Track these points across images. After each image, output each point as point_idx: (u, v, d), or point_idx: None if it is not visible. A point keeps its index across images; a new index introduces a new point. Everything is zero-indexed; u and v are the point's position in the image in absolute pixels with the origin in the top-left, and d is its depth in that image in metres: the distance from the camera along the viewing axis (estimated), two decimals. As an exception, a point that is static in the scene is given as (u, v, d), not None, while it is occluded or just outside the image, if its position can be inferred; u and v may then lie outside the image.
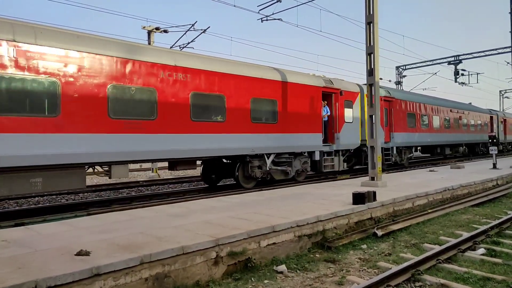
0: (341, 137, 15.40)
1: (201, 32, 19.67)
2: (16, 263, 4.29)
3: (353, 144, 16.17)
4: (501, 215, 8.65)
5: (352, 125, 16.11)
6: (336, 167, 15.46)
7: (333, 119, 15.37)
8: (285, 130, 13.21)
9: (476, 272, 4.99)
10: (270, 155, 12.86)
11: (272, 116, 12.89)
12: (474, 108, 30.55)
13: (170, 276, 4.62)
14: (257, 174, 12.57)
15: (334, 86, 15.30)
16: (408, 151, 20.76)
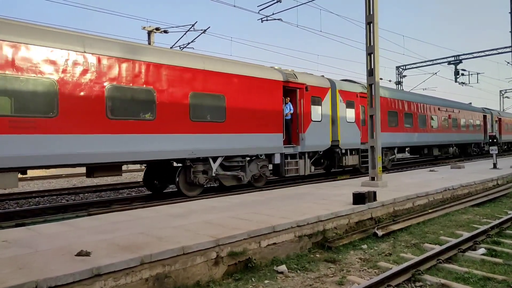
0: (307, 138, 13.89)
1: (201, 33, 19.68)
2: (16, 263, 4.29)
3: (322, 145, 14.69)
4: (502, 215, 8.65)
5: (320, 124, 14.60)
6: (302, 171, 13.90)
7: (298, 118, 13.80)
8: (236, 129, 11.63)
9: (477, 272, 4.98)
10: (217, 159, 11.37)
11: (219, 114, 11.22)
12: (465, 107, 29.18)
13: (170, 277, 4.62)
14: (200, 180, 11.01)
15: (298, 80, 13.73)
16: (390, 153, 19.35)
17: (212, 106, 11.09)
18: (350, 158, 16.21)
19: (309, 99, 14.13)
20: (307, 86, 13.93)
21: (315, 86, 14.45)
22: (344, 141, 15.75)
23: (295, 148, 13.69)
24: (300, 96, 13.90)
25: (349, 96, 16.29)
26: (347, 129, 15.92)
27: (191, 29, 19.56)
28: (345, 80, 18.07)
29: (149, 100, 9.68)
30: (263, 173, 12.95)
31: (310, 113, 14.17)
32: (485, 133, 31.35)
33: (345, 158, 15.95)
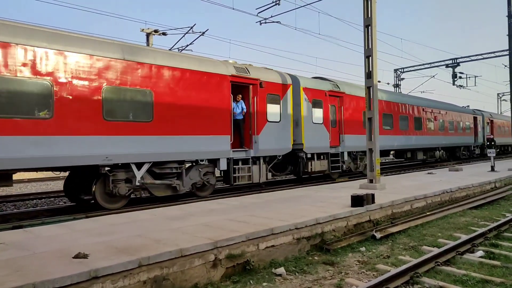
0: (262, 141, 12.36)
1: (200, 35, 19.69)
2: (14, 265, 4.27)
3: (280, 149, 13.15)
4: (500, 218, 8.67)
5: (279, 125, 13.08)
6: (256, 178, 12.42)
7: (251, 118, 12.35)
8: (167, 131, 10.01)
9: (475, 275, 4.99)
10: (143, 165, 9.77)
11: (144, 112, 9.61)
12: (453, 108, 27.65)
13: (168, 279, 4.61)
14: (121, 190, 9.48)
15: (250, 75, 12.16)
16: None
17: (135, 103, 9.45)
18: (318, 163, 14.69)
19: (264, 96, 12.60)
20: (261, 82, 12.39)
21: (272, 83, 12.91)
22: (310, 145, 14.21)
23: (248, 152, 12.21)
24: (253, 93, 12.40)
25: (316, 94, 14.70)
26: (313, 131, 14.37)
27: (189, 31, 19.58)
28: (316, 78, 16.81)
29: (44, 95, 8.06)
30: (208, 180, 11.35)
31: (266, 112, 12.63)
32: (476, 136, 30.16)
33: (311, 163, 14.42)
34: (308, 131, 14.16)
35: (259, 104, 12.49)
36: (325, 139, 15.00)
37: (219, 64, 11.64)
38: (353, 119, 16.56)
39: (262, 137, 12.45)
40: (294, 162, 14.31)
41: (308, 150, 14.18)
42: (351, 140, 16.26)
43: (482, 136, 31.16)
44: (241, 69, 12.10)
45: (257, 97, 12.43)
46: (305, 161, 14.26)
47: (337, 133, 15.83)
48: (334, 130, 15.63)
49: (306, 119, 14.16)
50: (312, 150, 14.38)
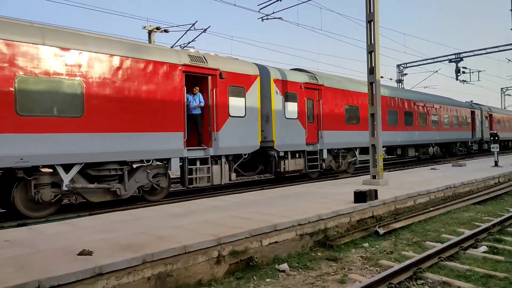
0: (223, 138, 11.17)
1: (202, 32, 19.66)
2: (19, 263, 4.31)
3: (246, 146, 11.98)
4: (503, 213, 8.64)
5: (243, 121, 11.84)
6: (216, 179, 11.16)
7: (210, 113, 11.16)
8: (102, 127, 8.80)
9: (478, 270, 4.99)
10: (73, 167, 8.53)
11: (73, 106, 8.38)
12: (448, 102, 26.03)
13: (172, 275, 4.64)
14: (45, 196, 8.23)
15: (207, 65, 10.91)
16: (350, 154, 16.53)
17: (60, 96, 8.24)
18: (292, 162, 13.52)
19: (225, 89, 11.34)
20: (221, 73, 11.14)
21: (235, 73, 11.65)
22: (282, 142, 13.07)
23: (206, 150, 11.00)
24: (212, 85, 11.16)
25: (289, 87, 13.51)
26: (286, 127, 13.25)
27: (191, 28, 19.55)
28: (294, 69, 15.65)
29: None
30: (158, 183, 10.15)
31: (228, 106, 11.40)
32: (473, 131, 28.70)
33: (285, 162, 13.26)
34: (280, 127, 13.04)
35: (220, 97, 11.19)
36: (300, 136, 13.86)
37: (169, 52, 10.43)
38: (333, 113, 15.35)
39: (223, 133, 11.24)
40: (266, 161, 13.23)
41: (281, 148, 13.07)
42: (331, 137, 15.10)
43: (481, 131, 29.92)
44: (196, 58, 10.77)
45: (217, 89, 11.15)
46: (278, 160, 13.14)
47: (315, 129, 14.64)
48: (311, 126, 14.44)
49: (278, 114, 13.04)
50: (285, 148, 13.27)
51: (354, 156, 16.74)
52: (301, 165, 13.98)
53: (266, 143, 12.82)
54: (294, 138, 13.59)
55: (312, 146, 14.44)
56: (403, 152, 20.78)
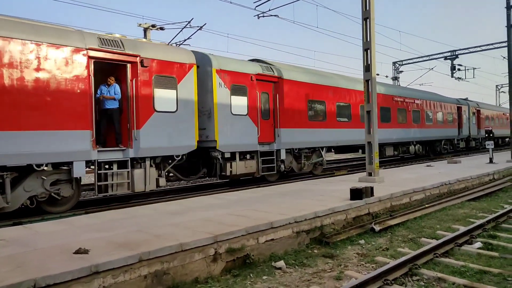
0: (145, 137, 9.50)
1: (197, 29, 19.55)
2: (15, 262, 4.29)
3: (178, 146, 10.29)
4: (498, 209, 8.71)
5: (174, 116, 10.21)
6: (139, 185, 9.50)
7: (129, 107, 9.49)
8: None
9: (473, 266, 5.03)
10: None
11: None
12: (432, 97, 24.27)
13: (169, 273, 4.64)
14: None
15: (124, 50, 9.26)
16: (316, 154, 15.02)
17: None
18: (241, 164, 12.02)
19: (149, 79, 9.69)
20: (142, 60, 9.51)
21: (162, 61, 10.00)
22: (228, 141, 11.54)
23: (125, 152, 9.32)
24: (132, 74, 9.50)
25: (237, 78, 11.96)
26: (232, 125, 11.72)
27: (187, 26, 19.47)
28: (253, 60, 14.29)
29: None
30: (58, 192, 8.52)
31: (153, 99, 9.74)
32: (460, 128, 27.26)
33: (232, 164, 11.76)
34: (224, 125, 11.47)
35: (142, 88, 9.53)
36: (251, 135, 12.30)
37: (70, 33, 8.71)
38: (294, 109, 13.76)
39: (146, 131, 9.54)
40: (211, 163, 11.75)
41: (225, 148, 11.50)
42: (291, 135, 13.55)
43: (468, 128, 28.50)
44: (108, 42, 9.18)
45: (138, 79, 9.50)
46: (223, 162, 11.60)
47: (271, 127, 13.11)
48: (266, 123, 12.94)
49: (222, 110, 11.44)
50: (232, 148, 11.73)
51: (320, 156, 15.14)
52: (253, 167, 12.43)
53: (207, 143, 11.29)
54: (243, 137, 12.06)
55: (267, 145, 12.97)
56: (380, 151, 18.51)
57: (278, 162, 13.28)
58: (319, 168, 15.71)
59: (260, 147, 12.66)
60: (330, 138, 15.42)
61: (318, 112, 15.00)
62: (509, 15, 17.70)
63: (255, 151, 12.60)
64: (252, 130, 12.41)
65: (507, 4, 17.78)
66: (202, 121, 11.33)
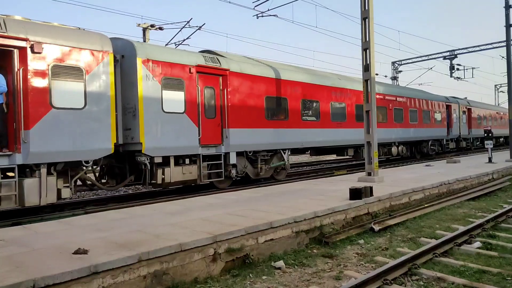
0: (40, 139, 7.93)
1: (197, 29, 19.60)
2: (14, 262, 4.28)
3: (88, 150, 8.69)
4: (497, 209, 8.72)
5: (82, 114, 8.62)
6: (32, 198, 7.88)
7: (16, 103, 7.87)
8: None
9: (472, 265, 5.04)
10: None
11: None
12: (418, 94, 22.76)
13: (168, 273, 4.64)
14: None
15: (7, 32, 7.63)
16: (277, 157, 13.51)
17: None
18: (177, 170, 10.34)
19: (45, 68, 8.10)
20: (33, 45, 7.92)
21: (63, 47, 8.40)
22: (157, 144, 9.87)
23: (12, 157, 7.72)
24: (20, 63, 7.89)
25: (170, 70, 10.31)
26: (164, 124, 10.07)
27: (186, 25, 19.48)
28: (204, 52, 12.63)
29: None
30: None
31: (49, 93, 8.12)
32: (450, 127, 25.62)
33: (165, 170, 10.07)
34: (153, 124, 9.85)
35: (33, 79, 7.94)
36: (189, 136, 10.65)
37: None
38: (248, 107, 12.26)
39: (38, 132, 7.94)
40: (139, 169, 10.08)
41: (154, 152, 9.84)
42: (243, 136, 12.02)
43: (458, 128, 26.94)
44: None
45: (29, 68, 7.88)
46: (154, 168, 9.98)
47: (217, 127, 11.49)
48: (211, 123, 11.31)
49: (150, 106, 9.82)
50: (164, 152, 10.06)
51: (282, 160, 13.63)
52: (193, 174, 10.78)
53: (133, 146, 9.71)
54: (178, 139, 10.39)
55: (213, 148, 11.36)
56: (355, 153, 17.40)
57: (229, 167, 11.71)
58: (282, 173, 14.18)
59: (202, 150, 11.00)
60: (293, 140, 13.77)
61: (278, 111, 13.42)
62: (508, 14, 17.73)
63: (196, 155, 10.92)
64: (191, 130, 10.71)
65: (506, 3, 17.80)
66: (127, 120, 9.77)
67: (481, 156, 20.45)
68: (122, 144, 9.65)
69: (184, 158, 10.74)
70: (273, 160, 13.46)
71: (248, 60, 13.71)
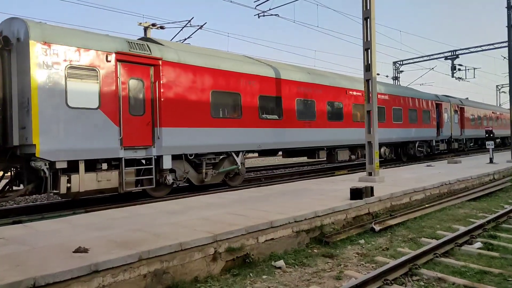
0: None
1: (198, 28, 19.59)
2: (14, 260, 4.28)
3: None
4: (498, 209, 8.70)
5: None
6: None
7: None
8: None
9: (473, 266, 5.02)
10: None
11: None
12: (402, 91, 20.84)
13: (168, 273, 4.63)
14: None
15: None
16: (229, 161, 11.93)
17: None
18: (89, 178, 8.76)
19: None
20: None
21: None
22: (59, 145, 8.29)
23: None
24: None
25: (79, 56, 8.71)
26: (69, 122, 8.48)
27: (187, 24, 19.47)
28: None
29: None
30: None
31: None
32: (440, 127, 23.90)
33: (71, 178, 8.46)
34: (53, 122, 8.26)
35: None
36: (106, 136, 9.04)
37: None
38: (187, 102, 10.60)
39: None
40: (40, 176, 8.37)
41: (56, 156, 8.23)
42: (181, 137, 10.41)
43: (450, 128, 25.23)
44: None
45: None
46: (57, 175, 8.36)
47: (147, 126, 9.80)
48: (138, 121, 9.61)
49: (48, 100, 8.20)
50: (70, 156, 8.45)
51: (233, 164, 12.03)
52: (113, 181, 9.18)
53: (27, 148, 8.16)
54: (91, 140, 8.78)
55: (142, 150, 9.70)
56: (329, 155, 15.78)
57: (164, 172, 10.18)
58: (236, 179, 12.54)
59: (126, 153, 9.31)
60: (248, 141, 12.14)
61: (229, 108, 11.80)
62: (509, 15, 17.68)
63: (117, 159, 9.24)
64: (108, 129, 9.08)
65: (508, 4, 17.75)
66: (22, 117, 8.23)
67: (483, 157, 20.42)
68: (19, 145, 8.21)
69: (99, 162, 9.06)
70: (224, 164, 11.86)
71: (193, 49, 11.89)
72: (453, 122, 25.78)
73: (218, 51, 13.08)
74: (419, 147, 21.90)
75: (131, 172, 9.54)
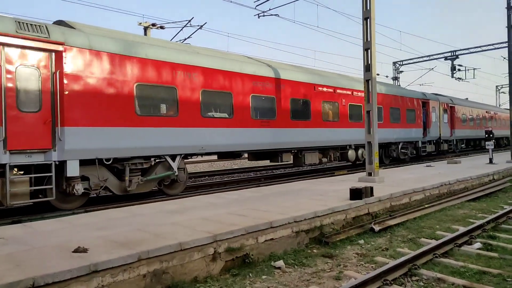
0: None
1: (198, 28, 19.60)
2: (13, 260, 4.28)
3: None
4: (498, 210, 8.71)
5: None
6: None
7: None
8: None
9: (472, 266, 5.03)
10: None
11: None
12: (382, 89, 18.54)
13: (168, 272, 4.63)
14: None
15: None
16: (164, 166, 10.46)
17: None
18: None
19: None
20: None
21: None
22: None
23: None
24: None
25: None
26: None
27: (187, 24, 19.48)
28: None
29: None
30: None
31: None
32: (427, 127, 22.30)
33: None
34: None
35: None
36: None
37: None
38: (100, 97, 8.88)
39: None
40: None
41: None
42: (92, 138, 8.69)
43: (438, 128, 23.60)
44: None
45: None
46: None
47: (44, 125, 8.12)
48: (31, 118, 7.94)
49: None
50: None
51: (170, 169, 10.45)
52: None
53: None
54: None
55: (40, 155, 8.07)
56: (295, 158, 14.51)
57: (73, 181, 8.55)
58: (176, 186, 10.97)
59: (13, 158, 7.66)
60: (188, 143, 10.54)
61: (162, 104, 10.13)
62: (509, 15, 17.68)
63: (1, 165, 7.56)
64: None
65: (508, 4, 17.76)
66: None
67: (483, 157, 20.42)
68: None
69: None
70: (156, 170, 10.31)
71: (114, 34, 9.98)
72: (442, 122, 24.18)
73: (150, 38, 11.38)
74: (402, 148, 20.34)
75: (23, 181, 7.76)
